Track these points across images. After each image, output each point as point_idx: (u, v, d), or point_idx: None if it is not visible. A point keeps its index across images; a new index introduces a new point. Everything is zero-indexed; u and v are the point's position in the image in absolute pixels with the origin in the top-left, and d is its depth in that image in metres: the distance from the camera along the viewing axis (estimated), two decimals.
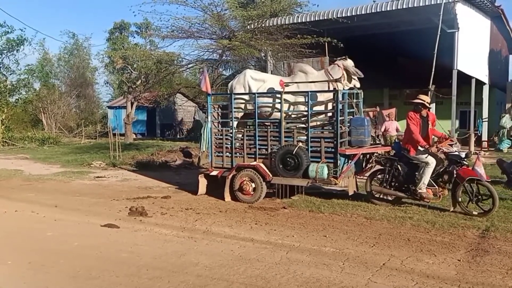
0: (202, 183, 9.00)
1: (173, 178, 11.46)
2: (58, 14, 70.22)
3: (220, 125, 9.27)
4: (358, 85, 8.63)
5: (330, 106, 8.13)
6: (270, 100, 8.61)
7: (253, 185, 8.21)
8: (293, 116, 8.47)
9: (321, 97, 8.18)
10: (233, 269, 4.77)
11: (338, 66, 8.41)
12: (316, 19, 17.44)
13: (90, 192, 9.75)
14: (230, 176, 8.43)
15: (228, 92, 9.19)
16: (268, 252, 5.33)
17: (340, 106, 7.81)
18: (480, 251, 5.31)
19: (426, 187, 7.25)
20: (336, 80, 8.25)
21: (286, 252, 5.33)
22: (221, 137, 8.92)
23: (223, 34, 15.11)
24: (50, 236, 6.20)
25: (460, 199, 7.07)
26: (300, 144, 7.97)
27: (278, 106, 8.33)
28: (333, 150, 7.81)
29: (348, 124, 8.12)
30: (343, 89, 8.26)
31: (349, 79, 8.51)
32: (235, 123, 8.82)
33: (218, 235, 6.16)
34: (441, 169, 7.29)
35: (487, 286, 4.26)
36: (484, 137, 19.67)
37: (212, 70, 16.91)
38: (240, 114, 9.00)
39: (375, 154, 8.20)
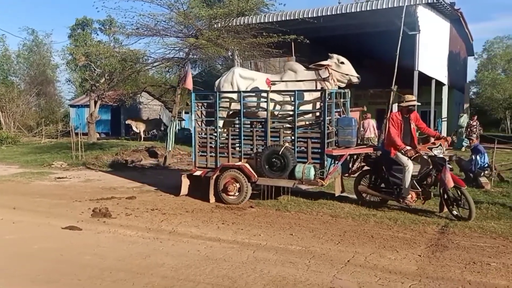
0: (185, 183, 8.73)
1: (139, 178, 11.25)
2: (17, 10, 67.56)
3: (204, 124, 8.97)
4: (355, 80, 8.23)
5: (317, 105, 7.90)
6: (259, 99, 8.36)
7: (238, 186, 8.01)
8: (279, 115, 8.25)
9: (308, 96, 8.00)
10: (199, 269, 4.73)
11: (323, 65, 8.09)
12: (283, 19, 17.58)
13: (51, 193, 9.42)
14: (214, 177, 8.22)
15: (215, 91, 8.82)
16: (235, 252, 5.33)
17: (327, 106, 7.60)
18: (440, 246, 5.50)
19: (410, 190, 7.05)
20: (324, 79, 8.02)
21: (253, 251, 5.34)
22: (205, 136, 8.68)
23: (189, 32, 14.96)
24: (8, 239, 5.95)
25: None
26: (287, 144, 7.80)
27: (264, 105, 8.10)
28: (319, 150, 7.63)
29: (336, 124, 7.95)
30: (334, 88, 8.04)
31: (342, 76, 8.17)
32: (221, 122, 8.55)
33: (185, 235, 6.10)
34: (426, 172, 7.05)
35: (447, 280, 4.41)
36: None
37: (179, 69, 16.72)
38: (227, 113, 8.71)
39: (362, 154, 8.07)
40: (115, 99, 28.82)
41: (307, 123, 8.13)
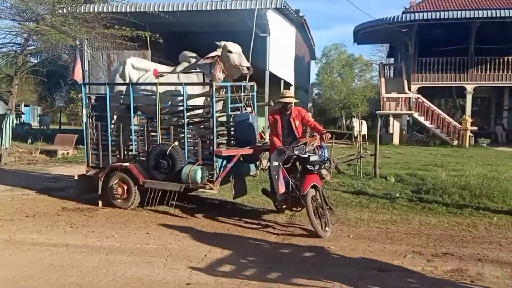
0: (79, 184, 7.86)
1: None
2: None
3: (95, 119, 7.97)
4: (245, 71, 7.33)
5: (207, 100, 7.15)
6: (149, 92, 7.51)
7: (126, 188, 7.28)
8: (167, 111, 7.46)
9: (195, 90, 7.29)
10: (42, 279, 4.28)
11: (212, 57, 7.33)
12: (137, 10, 16.98)
13: None
14: (102, 178, 7.38)
15: (106, 82, 7.88)
16: (85, 256, 4.96)
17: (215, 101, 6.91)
18: (288, 236, 5.96)
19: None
20: (212, 71, 7.25)
21: (106, 254, 5.03)
22: (97, 133, 7.76)
23: (28, 16, 13.36)
24: None
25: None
26: (176, 143, 7.07)
27: (153, 99, 7.26)
28: (209, 150, 6.95)
29: (232, 122, 7.33)
30: (221, 80, 7.27)
31: (231, 67, 7.35)
32: (114, 118, 7.74)
33: (24, 243, 5.44)
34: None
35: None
36: None
37: (15, 56, 14.85)
38: (122, 107, 7.84)
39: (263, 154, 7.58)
40: None
41: (196, 119, 7.49)
